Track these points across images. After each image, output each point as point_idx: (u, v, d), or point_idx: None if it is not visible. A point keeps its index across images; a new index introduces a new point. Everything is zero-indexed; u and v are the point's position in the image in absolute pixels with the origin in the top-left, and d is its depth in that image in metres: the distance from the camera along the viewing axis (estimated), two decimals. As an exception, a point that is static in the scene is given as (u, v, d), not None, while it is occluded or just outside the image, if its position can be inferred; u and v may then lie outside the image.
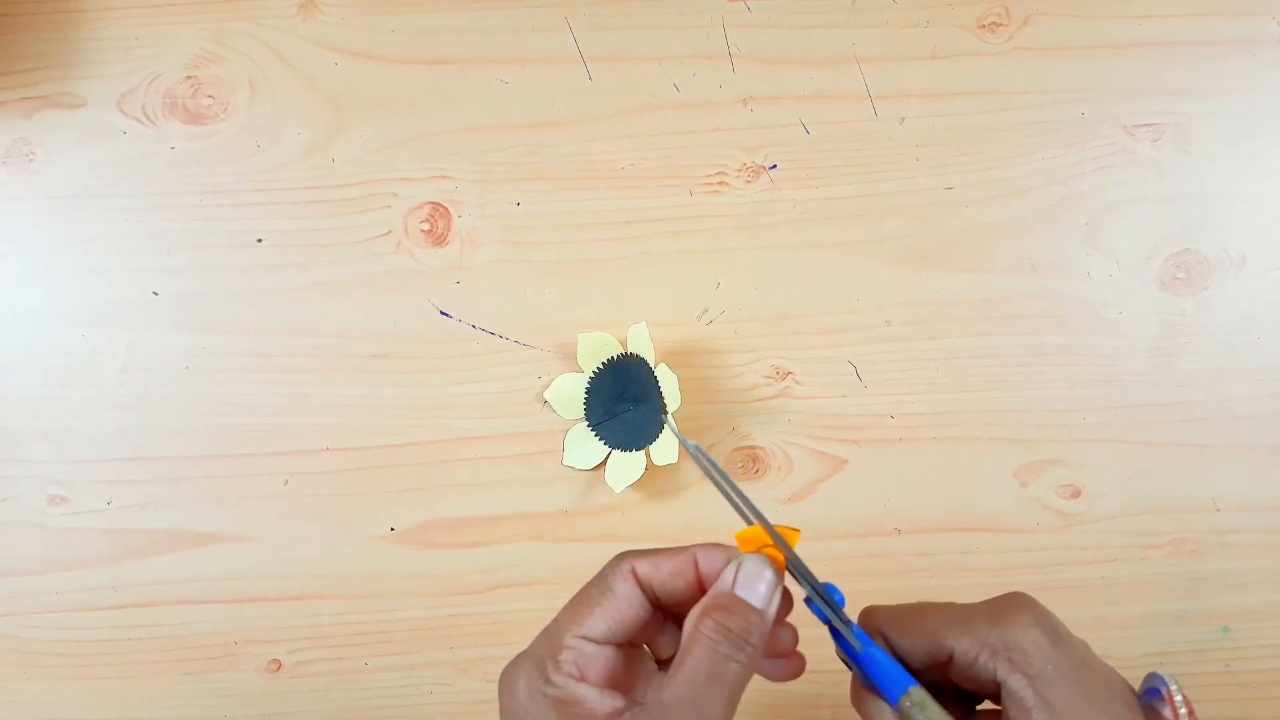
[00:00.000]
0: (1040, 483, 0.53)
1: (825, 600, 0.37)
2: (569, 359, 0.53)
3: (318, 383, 0.53)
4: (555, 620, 0.36)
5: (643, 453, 0.51)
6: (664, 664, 0.38)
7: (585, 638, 0.35)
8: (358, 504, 0.53)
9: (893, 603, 0.39)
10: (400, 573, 0.53)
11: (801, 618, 0.38)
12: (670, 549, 0.37)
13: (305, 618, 0.53)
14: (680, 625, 0.37)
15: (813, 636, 0.39)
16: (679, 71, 0.54)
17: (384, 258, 0.53)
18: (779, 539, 0.37)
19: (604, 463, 0.52)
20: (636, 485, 0.52)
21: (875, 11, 0.54)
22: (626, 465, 0.51)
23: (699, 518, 0.53)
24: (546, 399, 0.53)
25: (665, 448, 0.51)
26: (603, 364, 0.52)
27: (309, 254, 0.53)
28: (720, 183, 0.54)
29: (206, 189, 0.53)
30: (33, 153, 0.53)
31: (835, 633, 0.37)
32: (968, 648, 0.35)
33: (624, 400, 0.51)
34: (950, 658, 0.35)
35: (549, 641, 0.35)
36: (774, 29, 0.54)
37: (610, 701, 0.33)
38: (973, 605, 0.36)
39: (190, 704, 0.53)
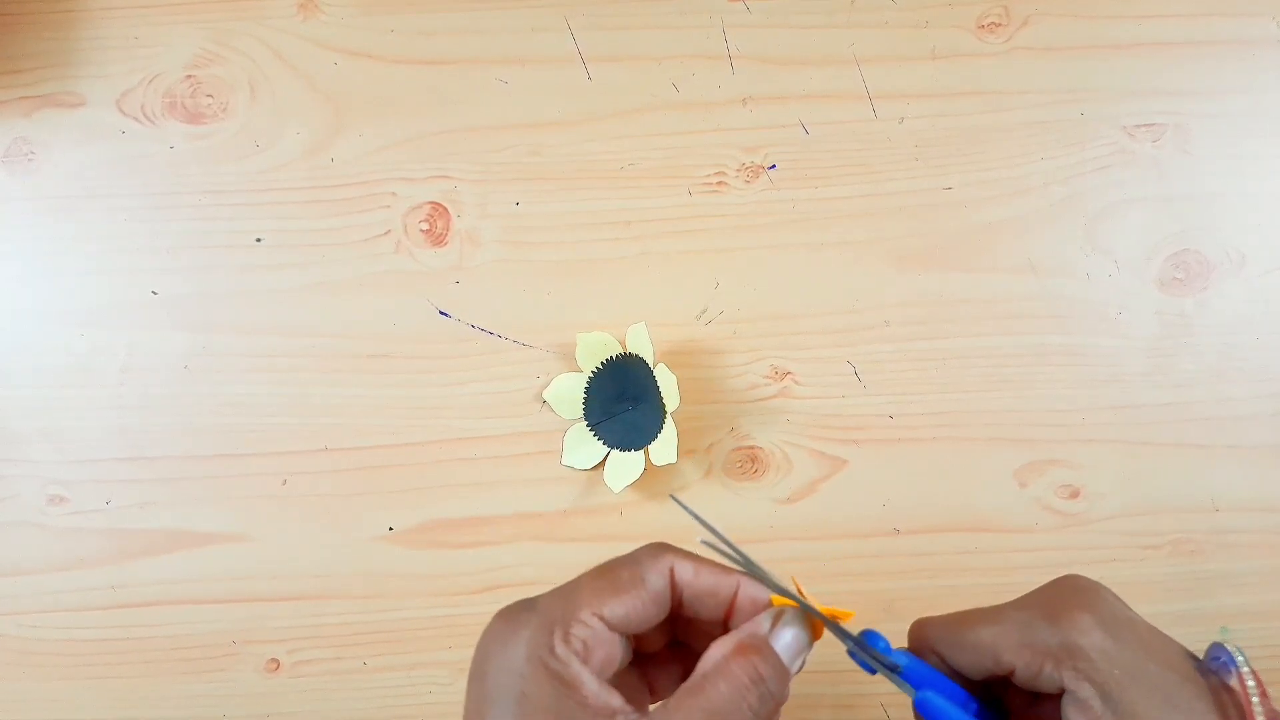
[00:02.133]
0: (1040, 483, 0.53)
1: (869, 652, 0.36)
2: (568, 359, 0.53)
3: (318, 383, 0.53)
4: (575, 586, 0.33)
5: (641, 452, 0.51)
6: (643, 662, 0.37)
7: (603, 618, 0.33)
8: (357, 504, 0.53)
9: (892, 605, 0.38)
10: (400, 573, 0.53)
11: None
12: (715, 563, 0.35)
13: (305, 618, 0.53)
14: (679, 635, 0.36)
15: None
16: (679, 71, 0.54)
17: (384, 258, 0.53)
18: (827, 621, 0.35)
19: (603, 462, 0.52)
20: (636, 485, 0.52)
21: (875, 11, 0.54)
22: (625, 465, 0.51)
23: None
24: (545, 399, 0.53)
25: (664, 448, 0.51)
26: (602, 364, 0.52)
27: (309, 254, 0.53)
28: (720, 183, 0.54)
29: (206, 189, 0.53)
30: (32, 152, 0.54)
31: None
32: (1030, 661, 0.33)
33: (623, 400, 0.51)
34: (1012, 672, 0.34)
35: (564, 606, 0.33)
36: (774, 29, 0.54)
37: (608, 699, 0.31)
38: (1027, 608, 0.34)
39: (190, 704, 0.53)
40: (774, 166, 0.54)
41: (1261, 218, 0.53)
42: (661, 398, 0.51)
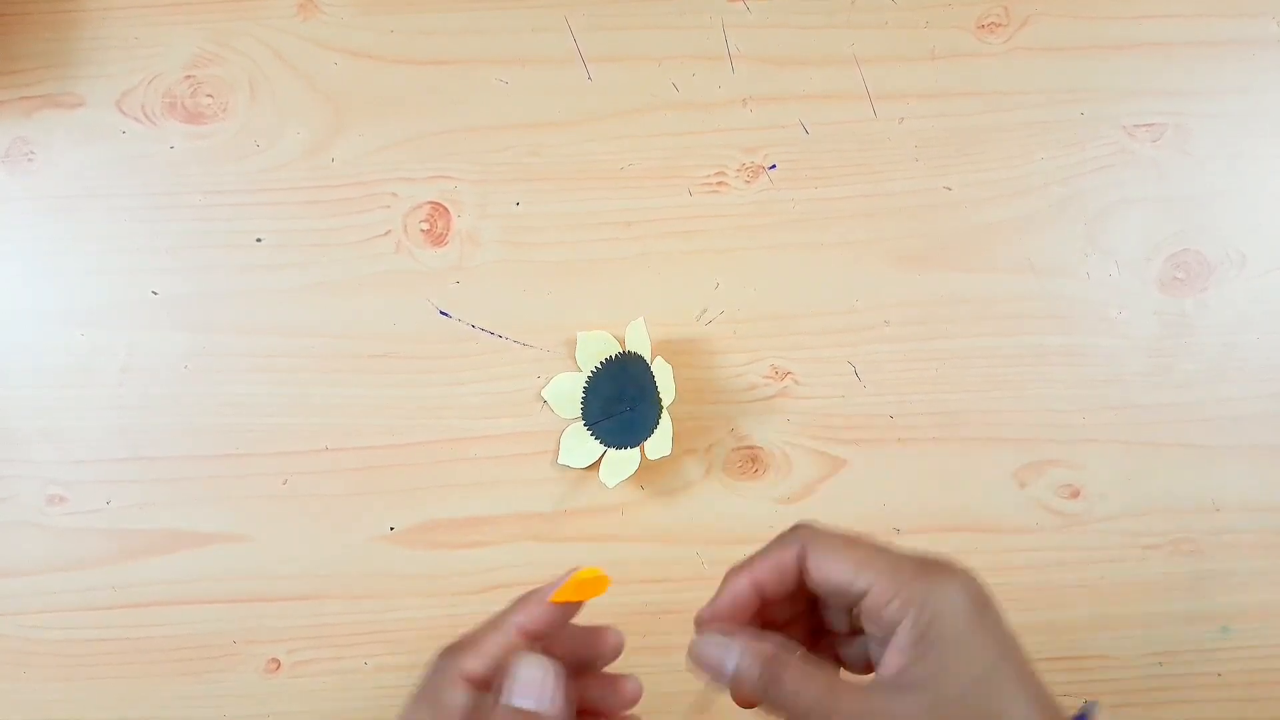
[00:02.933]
0: (1040, 483, 0.53)
1: None
2: (568, 358, 0.53)
3: (318, 383, 0.53)
4: (442, 660, 0.35)
5: (637, 449, 0.51)
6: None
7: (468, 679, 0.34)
8: (358, 504, 0.53)
9: None
10: (400, 573, 0.53)
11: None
12: (488, 627, 0.36)
13: (305, 618, 0.53)
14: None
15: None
16: (679, 71, 0.54)
17: (384, 258, 0.53)
18: None
19: (599, 461, 0.52)
20: (634, 485, 0.52)
21: (875, 12, 0.54)
22: (620, 461, 0.51)
23: (698, 516, 0.53)
24: (545, 398, 0.53)
25: (659, 441, 0.50)
26: (601, 363, 0.52)
27: (309, 254, 0.53)
28: (720, 183, 0.54)
29: (206, 189, 0.53)
30: (32, 152, 0.53)
31: None
32: (884, 589, 0.33)
33: (622, 401, 0.51)
34: (864, 594, 0.34)
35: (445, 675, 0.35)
36: (774, 29, 0.54)
37: None
38: (907, 553, 0.35)
39: (190, 704, 0.53)
40: (774, 166, 0.54)
41: (1261, 218, 0.53)
42: (659, 394, 0.51)
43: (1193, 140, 0.53)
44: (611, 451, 0.52)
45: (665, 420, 0.51)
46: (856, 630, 0.37)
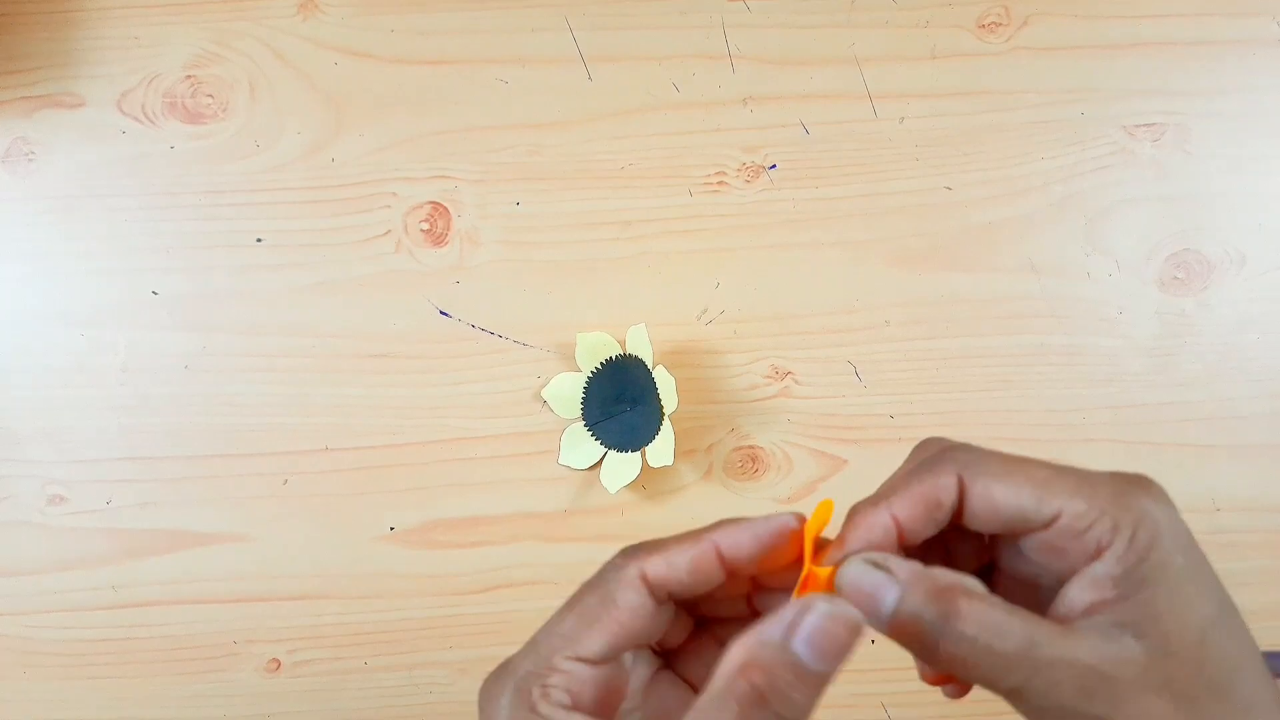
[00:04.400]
0: (1040, 483, 0.53)
1: None
2: (568, 359, 0.53)
3: (318, 383, 0.53)
4: (545, 630, 0.30)
5: (638, 454, 0.51)
6: (669, 656, 0.33)
7: (580, 659, 0.29)
8: (358, 504, 0.53)
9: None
10: (400, 573, 0.53)
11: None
12: (683, 538, 0.30)
13: (305, 618, 0.53)
14: (699, 616, 0.32)
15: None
16: (679, 71, 0.54)
17: (384, 258, 0.53)
18: None
19: (600, 462, 0.52)
20: (634, 485, 0.52)
21: (875, 11, 0.54)
22: (622, 466, 0.51)
23: (698, 517, 0.53)
24: (545, 398, 0.53)
25: (661, 450, 0.51)
26: (601, 364, 0.52)
27: (309, 254, 0.53)
28: (720, 183, 0.54)
29: (206, 189, 0.53)
30: (32, 152, 0.53)
31: None
32: (1081, 511, 0.27)
33: (622, 401, 0.51)
34: (1052, 521, 0.28)
35: (536, 658, 0.29)
36: (774, 29, 0.54)
37: None
38: (1095, 471, 0.29)
39: (190, 704, 0.53)
40: (774, 166, 0.54)
41: (1261, 218, 0.53)
42: (660, 399, 0.51)
43: (1193, 140, 0.53)
44: (613, 457, 0.52)
45: (667, 429, 0.51)
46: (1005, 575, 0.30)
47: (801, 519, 0.30)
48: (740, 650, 0.26)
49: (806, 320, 0.53)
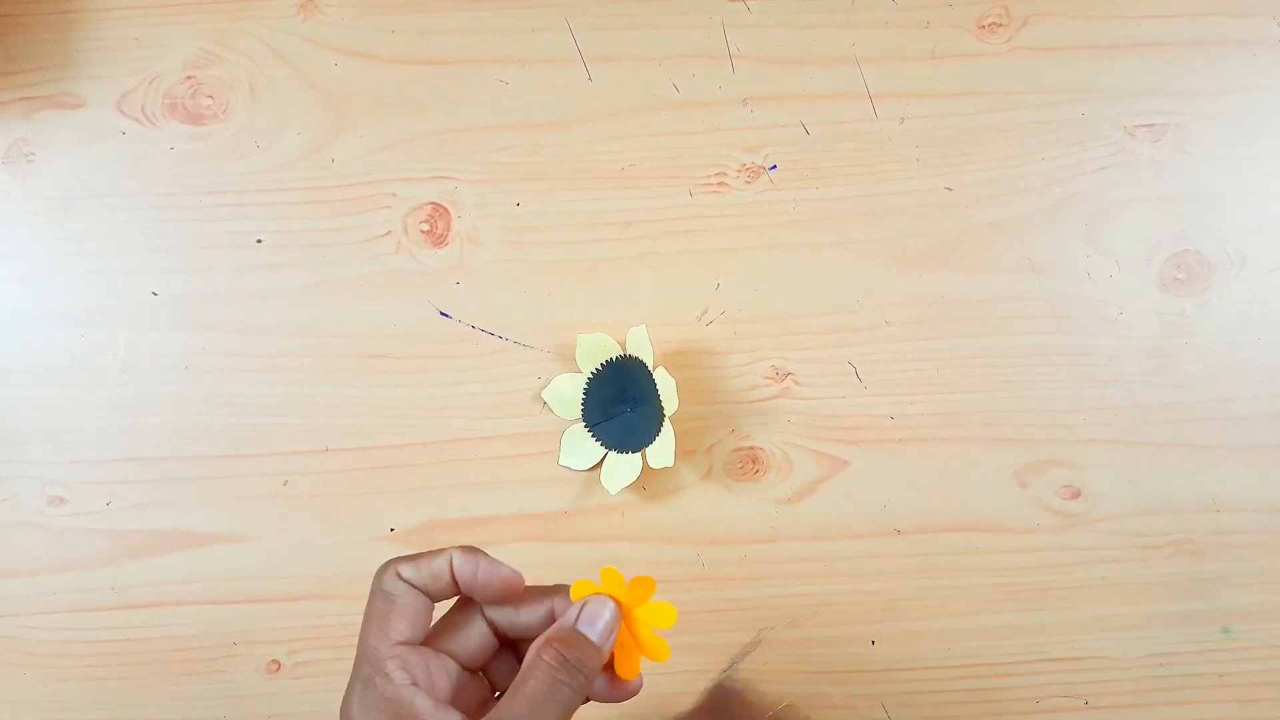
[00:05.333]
0: (1040, 483, 0.53)
1: None
2: (568, 359, 0.53)
3: (318, 383, 0.53)
4: (362, 642, 0.38)
5: (639, 455, 0.51)
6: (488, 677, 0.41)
7: (400, 643, 0.37)
8: (358, 504, 0.53)
9: (892, 606, 0.39)
10: (400, 573, 0.53)
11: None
12: (434, 551, 0.39)
13: (305, 618, 0.53)
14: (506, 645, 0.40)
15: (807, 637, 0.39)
16: (679, 71, 0.54)
17: (384, 258, 0.53)
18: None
19: (600, 463, 0.52)
20: (634, 486, 0.52)
21: (875, 12, 0.54)
22: (622, 467, 0.51)
23: (697, 518, 0.53)
24: (545, 399, 0.53)
25: (662, 451, 0.50)
26: (601, 365, 0.52)
27: (309, 254, 0.53)
28: (720, 183, 0.54)
29: (206, 189, 0.53)
30: (32, 153, 0.54)
31: None
32: None
33: (622, 402, 0.51)
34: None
35: (367, 659, 0.37)
36: (774, 29, 0.54)
37: (445, 716, 0.35)
38: None
39: (190, 704, 0.53)
40: (774, 167, 0.54)
41: (1261, 218, 0.53)
42: (660, 400, 0.51)
43: (1193, 140, 0.53)
44: (613, 458, 0.52)
45: (668, 430, 0.51)
46: None
47: (519, 580, 0.39)
48: (542, 636, 0.38)
49: (806, 320, 0.53)
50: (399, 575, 0.38)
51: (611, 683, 0.39)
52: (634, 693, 0.40)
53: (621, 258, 0.54)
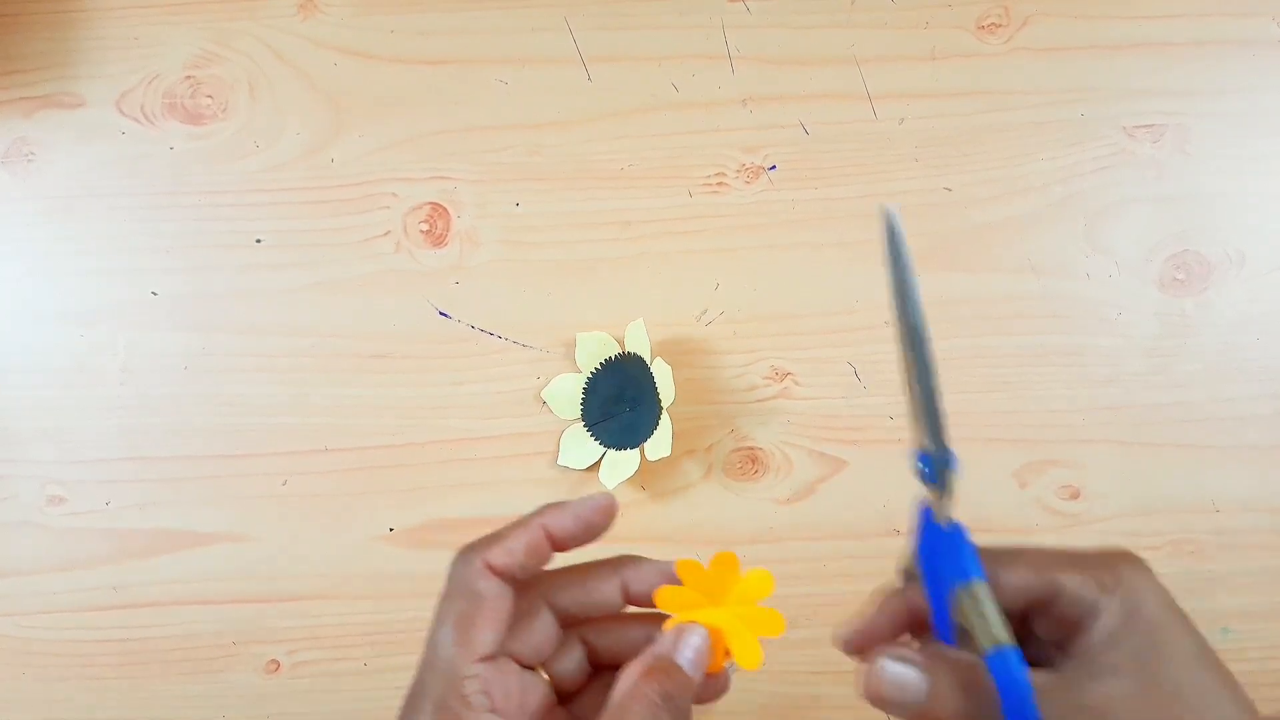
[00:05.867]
0: (1040, 483, 0.53)
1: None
2: (568, 359, 0.53)
3: (318, 383, 0.53)
4: (433, 646, 0.33)
5: (636, 450, 0.51)
6: (564, 698, 0.36)
7: (481, 659, 0.32)
8: (357, 504, 0.53)
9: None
10: (400, 573, 0.53)
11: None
12: (513, 526, 0.35)
13: (305, 618, 0.53)
14: (595, 662, 0.36)
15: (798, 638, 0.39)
16: (679, 71, 0.54)
17: (383, 258, 0.53)
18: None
19: (599, 462, 0.52)
20: (635, 485, 0.52)
21: (875, 12, 0.54)
22: (619, 462, 0.51)
23: (698, 517, 0.53)
24: (544, 398, 0.53)
25: (659, 441, 0.50)
26: (601, 364, 0.52)
27: (308, 254, 0.53)
28: (719, 183, 0.54)
29: (206, 189, 0.53)
30: (32, 153, 0.54)
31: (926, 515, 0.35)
32: (1081, 583, 0.32)
33: (621, 401, 0.51)
34: (1054, 596, 0.33)
35: (443, 674, 0.32)
36: (774, 29, 0.54)
37: None
38: (1083, 549, 0.34)
39: (189, 704, 0.53)
40: (774, 167, 0.54)
41: (1261, 218, 0.53)
42: (659, 395, 0.51)
43: (1193, 140, 0.53)
44: (611, 452, 0.52)
45: (665, 421, 0.51)
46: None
47: (612, 499, 0.35)
48: (639, 664, 0.33)
49: (806, 320, 0.53)
50: (489, 567, 0.33)
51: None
52: (721, 693, 0.35)
53: (621, 257, 0.54)
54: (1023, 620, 0.34)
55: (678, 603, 0.35)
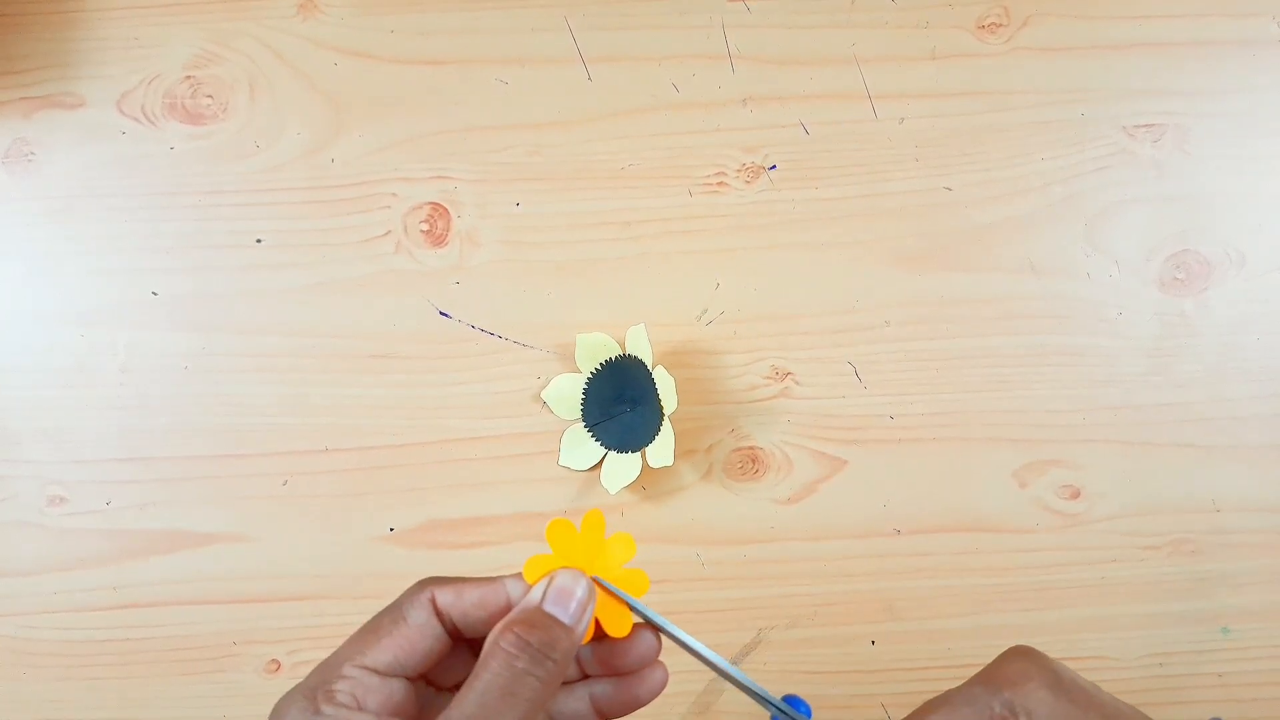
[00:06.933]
0: (1040, 483, 0.53)
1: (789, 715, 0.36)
2: (567, 359, 0.53)
3: (318, 383, 0.53)
4: (337, 650, 0.33)
5: (639, 454, 0.51)
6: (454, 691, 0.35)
7: (366, 668, 0.32)
8: (357, 504, 0.53)
9: (892, 605, 0.38)
10: (400, 573, 0.53)
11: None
12: (479, 578, 0.34)
13: (305, 618, 0.53)
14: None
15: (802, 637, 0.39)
16: (679, 71, 0.54)
17: (383, 258, 0.53)
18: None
19: (600, 463, 0.52)
20: (634, 486, 0.52)
21: (875, 12, 0.54)
22: (622, 466, 0.51)
23: (697, 518, 0.53)
24: (544, 399, 0.53)
25: (661, 450, 0.50)
26: (600, 365, 0.52)
27: (309, 254, 0.53)
28: (720, 183, 0.54)
29: (206, 189, 0.53)
30: (32, 153, 0.54)
31: None
32: (966, 694, 0.34)
33: (621, 402, 0.51)
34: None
35: (324, 671, 0.33)
36: (774, 29, 0.54)
37: None
38: (973, 683, 0.35)
39: (189, 704, 0.53)
40: (774, 167, 0.54)
41: (1261, 218, 0.53)
42: (660, 400, 0.51)
43: (1193, 140, 0.53)
44: (613, 457, 0.52)
45: (667, 429, 0.51)
46: None
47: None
48: (501, 621, 0.32)
49: (806, 320, 0.53)
50: (432, 601, 0.34)
51: (613, 674, 0.35)
52: (657, 690, 0.35)
53: (621, 258, 0.54)
54: None
55: (545, 570, 0.34)
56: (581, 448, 0.52)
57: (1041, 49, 0.54)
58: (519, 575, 0.34)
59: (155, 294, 0.53)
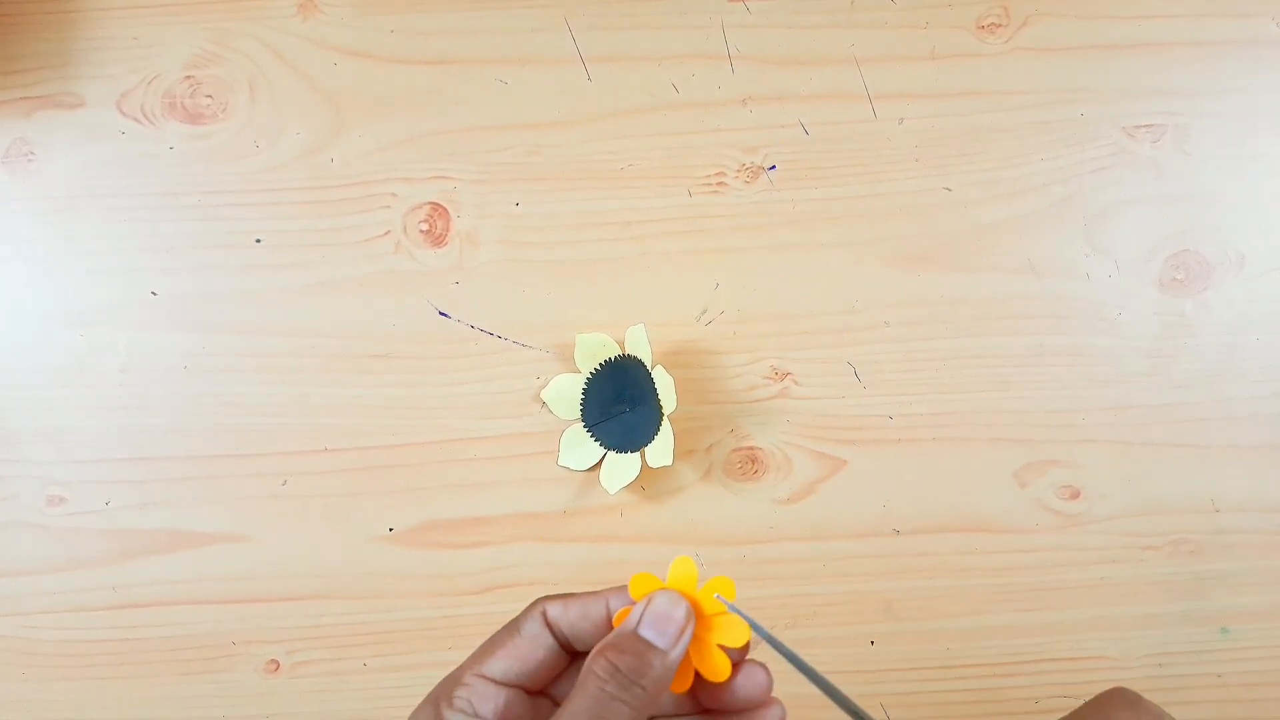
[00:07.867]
0: (1040, 483, 0.53)
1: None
2: (567, 359, 0.53)
3: (318, 383, 0.53)
4: (463, 662, 0.35)
5: (638, 454, 0.51)
6: None
7: (483, 676, 0.34)
8: (357, 504, 0.53)
9: (891, 606, 0.38)
10: (400, 573, 0.53)
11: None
12: (587, 592, 0.35)
13: (304, 618, 0.53)
14: None
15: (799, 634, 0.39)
16: (679, 72, 0.54)
17: (383, 258, 0.53)
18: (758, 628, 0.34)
19: (600, 463, 0.52)
20: (633, 486, 0.52)
21: (875, 12, 0.54)
22: (621, 466, 0.51)
23: (697, 518, 0.53)
24: (544, 399, 0.53)
25: (661, 450, 0.51)
26: (600, 365, 0.52)
27: (308, 254, 0.53)
28: (719, 183, 0.54)
29: (206, 189, 0.53)
30: (32, 153, 0.54)
31: None
32: None
33: (621, 402, 0.51)
34: None
35: (447, 681, 0.34)
36: (774, 29, 0.54)
37: None
38: (1071, 717, 0.35)
39: (189, 704, 0.53)
40: (774, 167, 0.54)
41: (1261, 218, 0.53)
42: (659, 400, 0.51)
43: (1193, 140, 0.53)
44: (612, 457, 0.52)
45: (666, 429, 0.51)
46: None
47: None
48: (598, 645, 0.33)
49: (806, 320, 0.53)
50: (544, 614, 0.35)
51: (724, 712, 0.34)
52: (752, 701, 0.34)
53: (621, 258, 0.54)
54: None
55: (649, 589, 0.34)
56: (581, 448, 0.52)
57: (1041, 49, 0.54)
58: (624, 588, 0.35)
59: (155, 294, 0.53)
